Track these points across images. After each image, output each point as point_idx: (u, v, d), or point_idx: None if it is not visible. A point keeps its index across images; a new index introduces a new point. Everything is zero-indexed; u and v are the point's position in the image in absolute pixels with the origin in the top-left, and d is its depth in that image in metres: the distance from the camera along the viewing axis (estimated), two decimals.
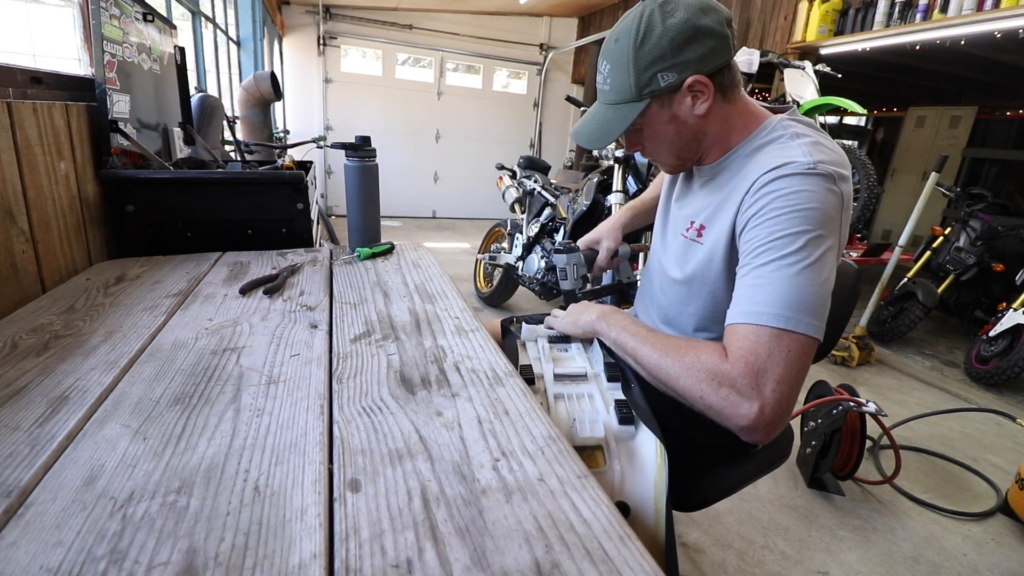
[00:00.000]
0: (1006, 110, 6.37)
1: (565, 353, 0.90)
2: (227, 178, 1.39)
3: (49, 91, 1.06)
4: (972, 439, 2.31)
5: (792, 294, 0.65)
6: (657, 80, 0.75)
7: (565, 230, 2.79)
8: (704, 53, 0.74)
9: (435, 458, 0.52)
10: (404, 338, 0.82)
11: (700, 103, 0.77)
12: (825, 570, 1.51)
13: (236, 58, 4.30)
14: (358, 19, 6.31)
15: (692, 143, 0.83)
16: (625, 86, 0.77)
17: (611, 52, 0.78)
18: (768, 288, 0.66)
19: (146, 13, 1.39)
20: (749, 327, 0.66)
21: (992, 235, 3.39)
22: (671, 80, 0.75)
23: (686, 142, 0.82)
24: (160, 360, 0.71)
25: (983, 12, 2.82)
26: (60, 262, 1.05)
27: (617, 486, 0.65)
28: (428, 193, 7.28)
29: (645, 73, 0.75)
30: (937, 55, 3.91)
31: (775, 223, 0.68)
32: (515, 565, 0.40)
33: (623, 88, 0.78)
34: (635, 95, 0.77)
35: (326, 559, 0.40)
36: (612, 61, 0.78)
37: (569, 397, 0.77)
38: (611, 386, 0.80)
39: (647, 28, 0.73)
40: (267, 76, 3.10)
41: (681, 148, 0.83)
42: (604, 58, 0.80)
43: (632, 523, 0.62)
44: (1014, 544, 1.68)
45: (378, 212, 1.36)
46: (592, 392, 0.79)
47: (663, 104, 0.78)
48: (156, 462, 0.50)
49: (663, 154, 0.86)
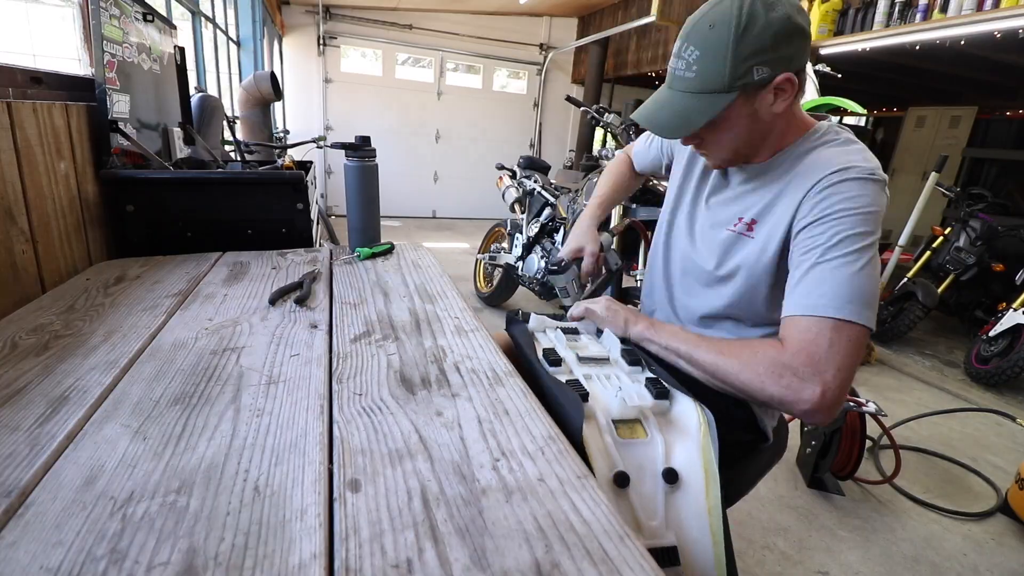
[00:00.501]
0: (1006, 110, 6.37)
1: (578, 341, 0.91)
2: (227, 178, 1.39)
3: (49, 91, 1.06)
4: (972, 439, 2.31)
5: (853, 289, 0.69)
6: (752, 73, 0.74)
7: (565, 230, 2.79)
8: (796, 52, 0.75)
9: (435, 458, 0.52)
10: (404, 338, 0.82)
11: (780, 101, 0.78)
12: (825, 570, 1.51)
13: (236, 58, 4.30)
14: (358, 19, 6.31)
15: (757, 140, 0.83)
16: (717, 75, 0.74)
17: (704, 38, 0.74)
18: (831, 283, 0.70)
19: (146, 13, 1.39)
20: (812, 319, 0.70)
21: (992, 235, 3.39)
22: (764, 75, 0.74)
23: (752, 139, 0.82)
24: (160, 360, 0.71)
25: (983, 12, 2.82)
26: (60, 262, 1.05)
27: (662, 455, 0.65)
28: (428, 193, 7.28)
29: (743, 64, 0.73)
30: (937, 55, 3.91)
31: (841, 223, 0.72)
32: (515, 565, 0.40)
33: (714, 77, 0.75)
34: (726, 85, 0.75)
35: (326, 559, 0.40)
36: (704, 47, 0.74)
37: (597, 378, 0.78)
38: (632, 369, 0.81)
39: (750, 18, 0.72)
40: (267, 76, 3.10)
41: (744, 144, 0.83)
42: (691, 43, 0.76)
43: (682, 487, 0.63)
44: (1014, 544, 1.68)
45: (378, 212, 1.36)
46: (618, 373, 0.79)
47: (748, 98, 0.77)
48: (156, 462, 0.50)
49: (722, 149, 0.84)
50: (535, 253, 2.98)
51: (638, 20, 5.31)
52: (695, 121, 0.78)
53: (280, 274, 1.12)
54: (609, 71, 6.45)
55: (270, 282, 1.06)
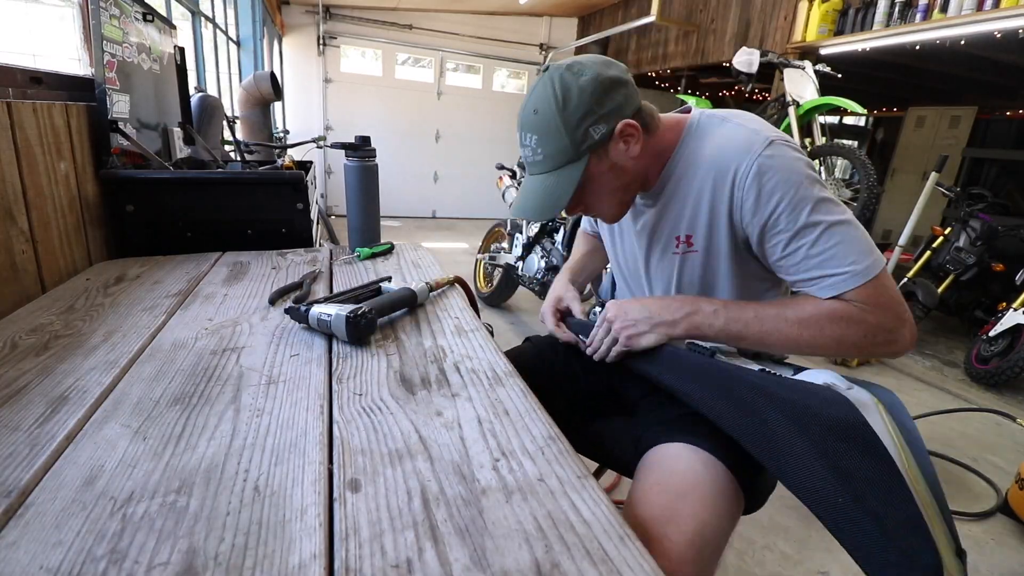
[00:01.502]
0: (1006, 110, 6.37)
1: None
2: (227, 178, 1.39)
3: (49, 91, 1.06)
4: (972, 439, 2.31)
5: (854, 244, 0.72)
6: (590, 134, 0.76)
7: (565, 230, 2.79)
8: (622, 100, 0.77)
9: (435, 458, 0.52)
10: (404, 338, 0.82)
11: (633, 145, 0.79)
12: (825, 570, 1.51)
13: (236, 58, 4.30)
14: (358, 19, 6.31)
15: (633, 184, 0.84)
16: (561, 149, 0.77)
17: (533, 123, 0.78)
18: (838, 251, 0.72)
19: (146, 13, 1.39)
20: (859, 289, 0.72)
21: (992, 235, 3.39)
22: (603, 131, 0.77)
23: (627, 185, 0.84)
24: (160, 360, 0.71)
25: (983, 12, 2.82)
26: (60, 262, 1.05)
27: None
28: (428, 193, 7.28)
29: (578, 131, 0.76)
30: (937, 55, 3.91)
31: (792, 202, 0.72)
32: (515, 565, 0.40)
33: (559, 152, 0.77)
34: (573, 155, 0.77)
35: (326, 559, 0.40)
36: (538, 131, 0.78)
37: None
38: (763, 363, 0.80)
39: (564, 90, 0.75)
40: (267, 76, 3.10)
41: (623, 192, 0.84)
42: (526, 131, 0.79)
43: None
44: (1014, 544, 1.68)
45: (378, 212, 1.36)
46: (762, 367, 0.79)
47: (600, 156, 0.79)
48: (156, 462, 0.50)
49: (607, 204, 0.86)
50: (535, 253, 2.99)
51: (638, 20, 5.31)
52: (562, 196, 0.79)
53: (280, 274, 1.12)
54: None
55: (270, 282, 1.06)
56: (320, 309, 0.79)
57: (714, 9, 4.85)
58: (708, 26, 4.93)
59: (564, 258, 2.74)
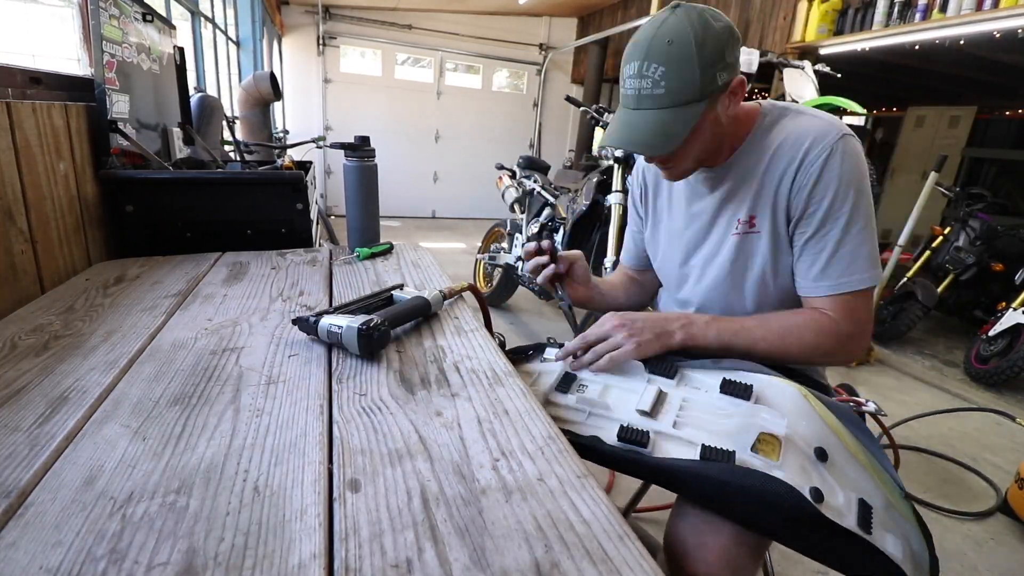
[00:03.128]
0: (1005, 110, 6.37)
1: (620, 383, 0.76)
2: (227, 178, 1.39)
3: (48, 91, 1.06)
4: (972, 439, 2.31)
5: (866, 254, 0.79)
6: (716, 79, 0.77)
7: (565, 230, 2.78)
8: (737, 56, 0.80)
9: (435, 458, 0.52)
10: (403, 338, 0.82)
11: (733, 104, 0.82)
12: (825, 570, 1.51)
13: (235, 58, 4.30)
14: (357, 19, 6.31)
15: (716, 144, 0.85)
16: (689, 86, 0.76)
17: (665, 54, 0.75)
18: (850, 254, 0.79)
19: (145, 13, 1.39)
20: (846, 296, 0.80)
21: (991, 235, 3.39)
22: (725, 79, 0.78)
23: (714, 144, 0.85)
24: (159, 360, 0.71)
25: (982, 12, 2.82)
26: (59, 262, 1.05)
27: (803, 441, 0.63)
28: (427, 193, 7.28)
29: (708, 71, 0.76)
30: (936, 55, 3.91)
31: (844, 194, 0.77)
32: (515, 565, 0.40)
33: (686, 87, 0.76)
34: (699, 94, 0.76)
35: (326, 559, 0.40)
36: (669, 63, 0.75)
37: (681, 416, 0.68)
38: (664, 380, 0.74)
39: (703, 28, 0.75)
40: (266, 76, 3.10)
41: (705, 151, 0.85)
42: (652, 61, 0.76)
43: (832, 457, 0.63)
44: (1014, 544, 1.68)
45: (377, 212, 1.36)
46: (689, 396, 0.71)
47: (712, 104, 0.79)
48: (156, 462, 0.50)
49: (688, 158, 0.85)
50: None
51: (638, 20, 5.31)
52: (679, 133, 0.78)
53: (280, 274, 1.12)
54: (609, 71, 6.45)
55: (269, 282, 1.06)
56: (330, 320, 0.75)
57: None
58: None
59: None
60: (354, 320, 0.73)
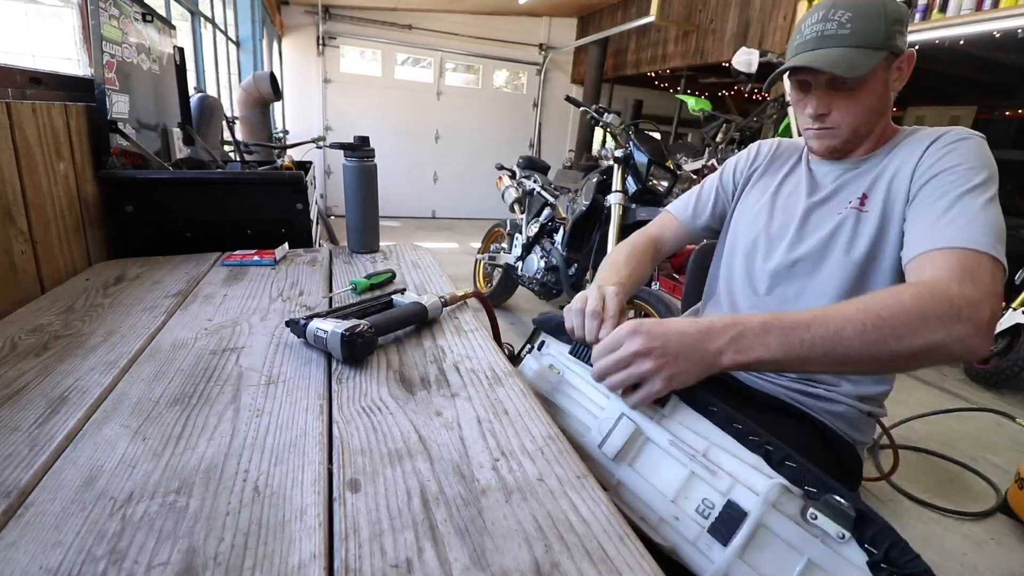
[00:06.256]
0: (1005, 110, 6.37)
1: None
2: (226, 178, 1.39)
3: (48, 91, 1.06)
4: (972, 439, 2.31)
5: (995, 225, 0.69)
6: (895, 37, 0.78)
7: (564, 230, 2.78)
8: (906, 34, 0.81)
9: (434, 458, 0.52)
10: (403, 338, 0.82)
11: (898, 80, 0.82)
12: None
13: (235, 58, 4.30)
14: (357, 19, 6.31)
15: (874, 120, 0.85)
16: (874, 31, 0.77)
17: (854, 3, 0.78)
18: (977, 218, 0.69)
19: (145, 13, 1.39)
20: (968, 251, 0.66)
21: None
22: (902, 44, 0.79)
23: (873, 116, 0.84)
24: (159, 360, 0.71)
25: (982, 12, 2.82)
26: (59, 262, 1.05)
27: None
28: (427, 193, 7.28)
29: (891, 27, 0.77)
30: (936, 55, 3.91)
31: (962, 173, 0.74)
32: (514, 565, 0.40)
33: (871, 32, 0.77)
34: (881, 42, 0.77)
35: (326, 559, 0.40)
36: (857, 10, 0.78)
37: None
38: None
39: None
40: (266, 76, 3.10)
41: (865, 122, 0.84)
42: (841, 8, 0.79)
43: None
44: (1014, 544, 1.68)
45: (377, 212, 1.36)
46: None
47: (887, 65, 0.80)
48: (155, 462, 0.50)
49: (849, 121, 0.84)
50: (535, 253, 2.98)
51: (638, 20, 5.31)
52: (861, 66, 0.77)
53: (279, 274, 1.12)
54: (608, 71, 6.45)
55: (269, 282, 1.06)
56: (318, 324, 0.74)
57: (713, 9, 4.85)
58: (707, 26, 4.93)
59: (564, 258, 2.72)
60: (339, 325, 0.72)
